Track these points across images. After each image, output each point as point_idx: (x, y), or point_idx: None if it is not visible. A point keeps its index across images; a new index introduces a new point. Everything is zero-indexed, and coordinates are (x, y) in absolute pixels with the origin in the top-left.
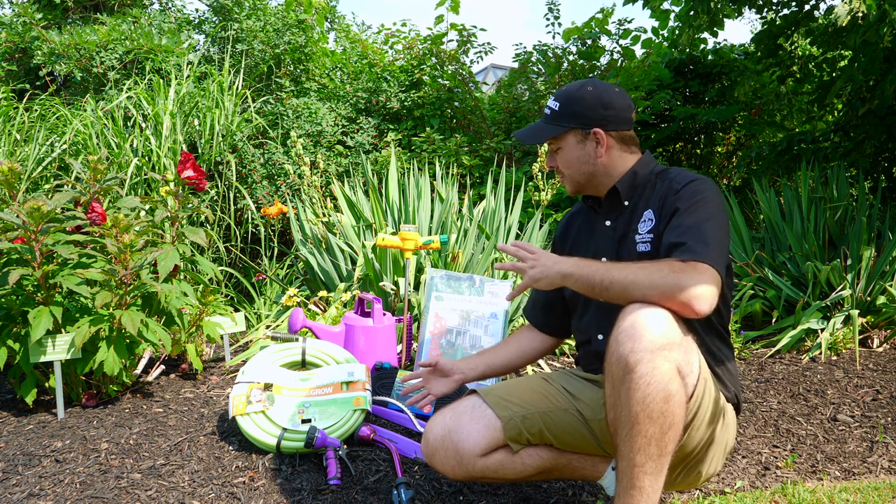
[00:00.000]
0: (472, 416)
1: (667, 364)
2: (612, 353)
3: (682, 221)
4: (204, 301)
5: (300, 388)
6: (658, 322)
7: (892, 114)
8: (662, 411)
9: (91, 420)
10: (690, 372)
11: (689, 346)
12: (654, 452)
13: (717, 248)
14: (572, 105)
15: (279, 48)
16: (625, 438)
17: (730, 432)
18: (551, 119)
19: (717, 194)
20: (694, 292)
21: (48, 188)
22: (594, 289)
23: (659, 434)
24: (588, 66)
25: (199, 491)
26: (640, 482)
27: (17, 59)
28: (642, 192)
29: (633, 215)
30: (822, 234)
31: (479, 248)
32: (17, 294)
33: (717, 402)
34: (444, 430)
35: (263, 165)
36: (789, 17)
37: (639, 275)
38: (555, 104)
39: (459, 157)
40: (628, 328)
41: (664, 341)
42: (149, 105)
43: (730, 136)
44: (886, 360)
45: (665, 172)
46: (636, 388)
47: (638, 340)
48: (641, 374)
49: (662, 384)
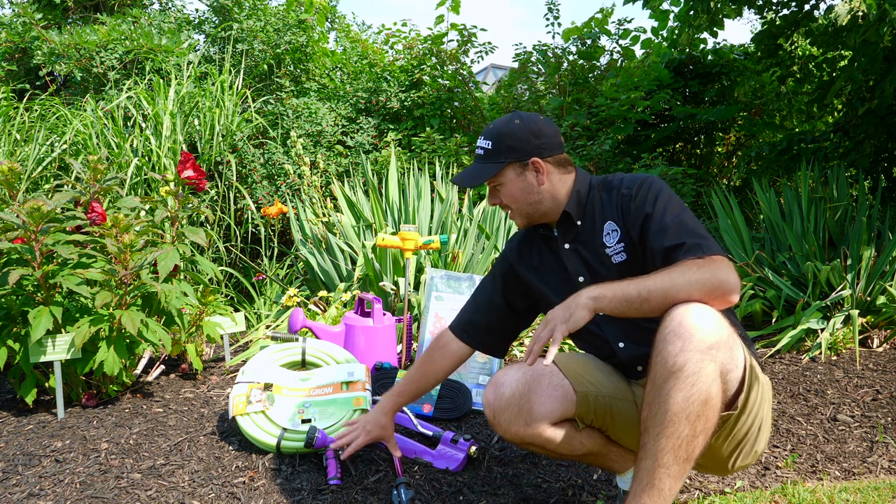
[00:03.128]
0: (550, 381)
1: (713, 365)
2: (658, 352)
3: (663, 223)
4: (204, 301)
5: (300, 388)
6: (707, 320)
7: (892, 114)
8: (699, 414)
9: (91, 420)
10: (735, 367)
11: (734, 342)
12: (682, 455)
13: (708, 235)
14: (505, 140)
15: (279, 48)
16: (655, 437)
17: (769, 404)
18: (486, 158)
19: (665, 184)
20: (730, 284)
21: (48, 188)
22: (632, 303)
23: (690, 437)
24: (588, 66)
25: (199, 491)
26: (661, 483)
27: (17, 59)
28: (592, 208)
29: (591, 232)
30: (822, 234)
31: (479, 248)
32: (17, 294)
33: (762, 383)
34: (523, 388)
35: (263, 165)
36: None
37: (674, 277)
38: (486, 143)
39: (459, 156)
40: (677, 327)
41: (713, 340)
42: (149, 105)
43: (730, 136)
44: (886, 360)
45: (606, 182)
46: (680, 388)
47: (688, 340)
48: (688, 375)
49: (705, 386)
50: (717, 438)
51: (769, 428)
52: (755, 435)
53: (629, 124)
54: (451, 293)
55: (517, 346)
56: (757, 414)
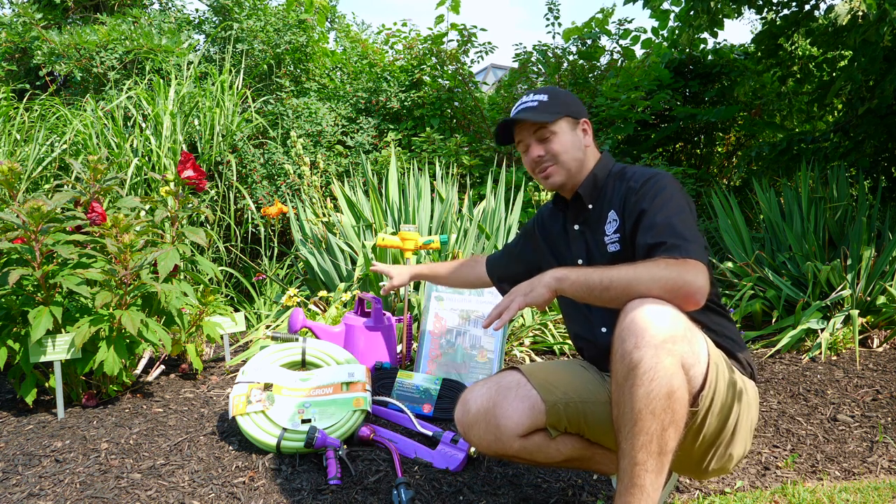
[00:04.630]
0: (517, 393)
1: (670, 358)
2: (615, 351)
3: (653, 221)
4: (204, 301)
5: (300, 388)
6: (661, 316)
7: (891, 113)
8: (665, 408)
9: (91, 420)
10: (697, 362)
11: (693, 336)
12: (656, 450)
13: (695, 239)
14: (560, 97)
15: (279, 48)
16: (627, 436)
17: (753, 410)
18: (541, 109)
19: (675, 184)
20: (694, 286)
21: (48, 188)
22: (593, 290)
23: (660, 431)
24: (588, 66)
25: (199, 491)
26: (641, 480)
27: (17, 59)
28: (604, 195)
29: (598, 218)
30: (822, 234)
31: (479, 248)
32: (17, 294)
33: (733, 383)
34: (488, 403)
35: (263, 165)
36: (789, 17)
37: (638, 271)
38: (542, 97)
39: (459, 156)
40: (630, 324)
41: (667, 335)
42: (149, 105)
43: (730, 136)
44: (886, 360)
45: (622, 172)
46: (640, 385)
47: (641, 336)
48: (645, 370)
49: (666, 380)
50: (686, 435)
51: (749, 433)
52: (728, 437)
53: (629, 124)
54: (451, 293)
55: (517, 346)
56: (728, 415)
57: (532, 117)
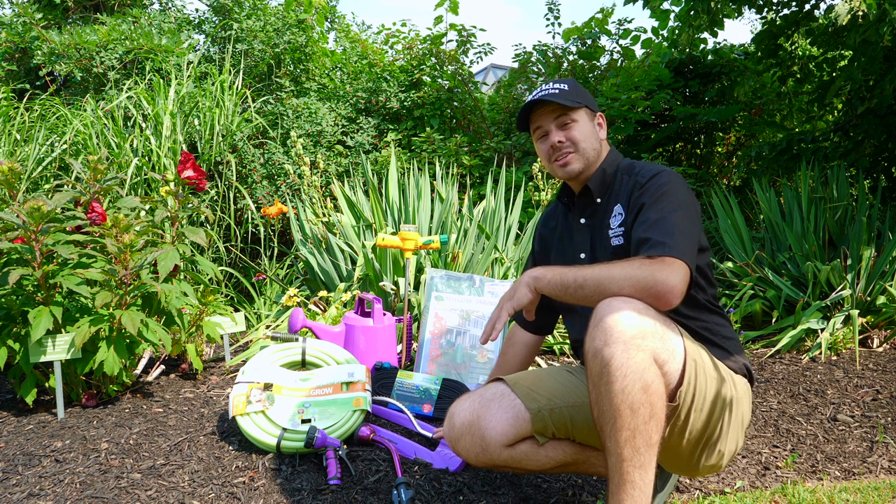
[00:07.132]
0: (500, 404)
1: (641, 354)
2: (587, 350)
3: (647, 217)
4: (204, 301)
5: (300, 388)
6: (628, 313)
7: (891, 113)
8: (642, 401)
9: (91, 420)
10: (671, 358)
11: (665, 332)
12: (640, 444)
13: (683, 237)
14: (579, 89)
15: (279, 48)
16: (610, 434)
17: (744, 406)
18: (564, 96)
19: (681, 183)
20: (666, 285)
21: (48, 188)
22: (567, 288)
23: (642, 425)
24: (588, 66)
25: (199, 491)
26: (631, 476)
27: (17, 59)
28: (612, 189)
29: (605, 212)
30: (822, 234)
31: (479, 248)
32: (17, 294)
33: (717, 379)
34: (472, 415)
35: (263, 165)
36: (789, 17)
37: (612, 270)
38: (563, 85)
39: (459, 157)
40: (599, 322)
41: (636, 331)
42: (149, 105)
43: (730, 136)
44: (886, 360)
45: (631, 167)
46: (614, 381)
47: (609, 333)
48: (617, 366)
49: (638, 374)
50: (672, 432)
51: (740, 430)
52: (717, 433)
53: (629, 124)
54: (451, 293)
55: None
56: (713, 410)
57: (559, 100)
